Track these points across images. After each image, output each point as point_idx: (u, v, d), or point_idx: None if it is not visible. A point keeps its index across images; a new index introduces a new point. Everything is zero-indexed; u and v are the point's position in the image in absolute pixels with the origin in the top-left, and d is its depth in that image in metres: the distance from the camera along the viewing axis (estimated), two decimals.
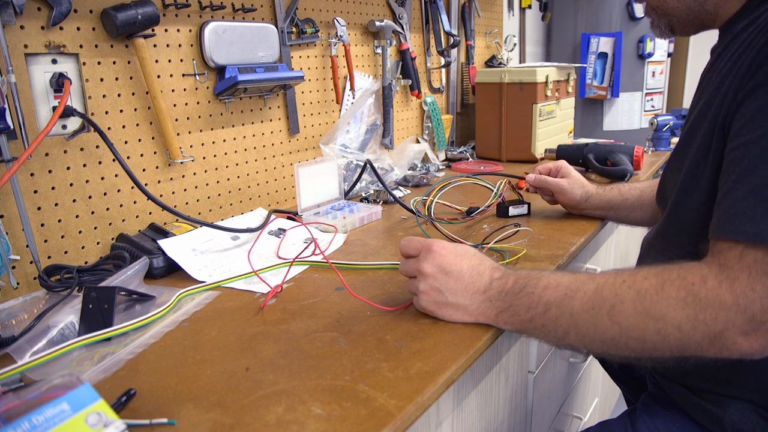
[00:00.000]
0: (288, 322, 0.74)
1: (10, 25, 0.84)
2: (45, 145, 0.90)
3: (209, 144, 1.18)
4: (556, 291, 0.63)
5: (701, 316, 0.55)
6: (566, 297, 0.62)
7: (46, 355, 0.65)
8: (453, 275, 0.68)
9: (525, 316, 0.65)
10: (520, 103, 1.75)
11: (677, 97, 3.84)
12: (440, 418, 0.70)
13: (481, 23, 2.18)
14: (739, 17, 0.72)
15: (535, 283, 0.65)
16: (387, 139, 1.61)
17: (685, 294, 0.56)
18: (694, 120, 0.72)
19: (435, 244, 0.71)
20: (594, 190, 1.12)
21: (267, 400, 0.56)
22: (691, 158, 0.70)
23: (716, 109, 0.66)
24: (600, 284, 0.61)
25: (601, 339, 0.60)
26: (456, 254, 0.70)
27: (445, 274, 0.68)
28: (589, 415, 1.48)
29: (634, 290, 0.59)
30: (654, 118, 1.98)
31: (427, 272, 0.69)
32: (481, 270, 0.69)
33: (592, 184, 1.14)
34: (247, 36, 1.17)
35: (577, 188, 1.11)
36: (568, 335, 0.62)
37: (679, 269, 0.58)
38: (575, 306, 0.61)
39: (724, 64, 0.69)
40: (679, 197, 0.74)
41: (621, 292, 0.59)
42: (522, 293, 0.65)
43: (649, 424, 0.80)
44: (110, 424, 0.45)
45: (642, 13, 2.44)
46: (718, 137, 0.65)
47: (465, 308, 0.68)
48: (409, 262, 0.73)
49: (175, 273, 0.93)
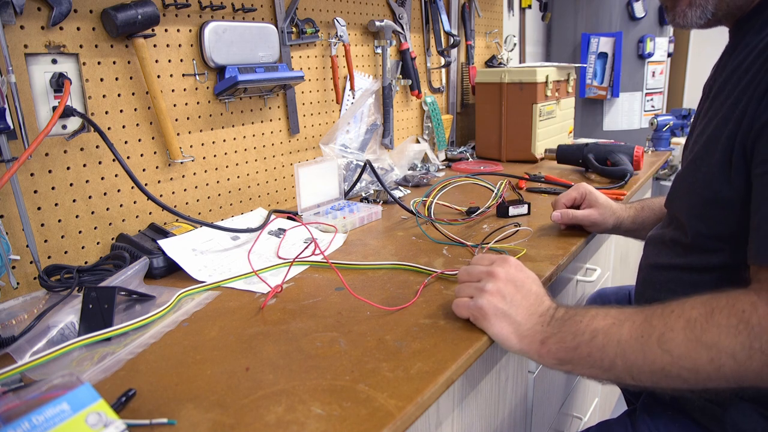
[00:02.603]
0: (288, 322, 0.74)
1: (10, 25, 0.84)
2: (45, 145, 0.90)
3: (209, 144, 1.18)
4: (605, 320, 0.62)
5: (756, 344, 0.54)
6: (614, 325, 0.61)
7: (46, 355, 0.65)
8: (522, 291, 0.68)
9: (571, 344, 0.62)
10: (520, 103, 1.75)
11: (677, 97, 3.84)
12: (440, 418, 0.70)
13: (481, 23, 2.18)
14: (750, 18, 0.72)
15: (584, 312, 0.64)
16: (387, 139, 1.61)
17: (737, 321, 0.55)
18: (712, 131, 0.71)
19: (512, 258, 0.72)
20: (624, 213, 1.05)
21: (267, 400, 0.56)
22: (709, 170, 0.70)
23: (734, 127, 0.66)
24: (648, 314, 0.60)
25: (650, 369, 0.58)
26: (527, 276, 0.70)
27: (516, 286, 0.68)
28: (589, 415, 1.48)
29: (683, 319, 0.57)
30: (654, 118, 1.98)
31: (500, 276, 0.68)
32: (544, 298, 0.69)
33: (618, 204, 1.06)
34: (247, 36, 1.17)
35: (608, 217, 1.03)
36: (614, 365, 0.60)
37: (728, 297, 0.57)
38: (623, 333, 0.60)
39: (737, 66, 0.69)
40: (696, 208, 0.73)
41: (671, 321, 0.58)
42: (570, 321, 0.64)
43: (649, 424, 0.80)
44: (110, 424, 0.45)
45: (642, 13, 2.44)
46: (738, 156, 0.65)
47: (518, 326, 0.66)
48: (477, 267, 0.72)
49: (175, 273, 0.93)
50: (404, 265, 0.91)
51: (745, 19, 0.74)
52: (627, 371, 0.60)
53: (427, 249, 1.00)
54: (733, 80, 0.70)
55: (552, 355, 0.63)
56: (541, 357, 0.64)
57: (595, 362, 0.61)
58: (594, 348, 0.61)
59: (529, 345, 0.65)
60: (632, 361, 0.59)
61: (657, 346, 0.57)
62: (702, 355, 0.55)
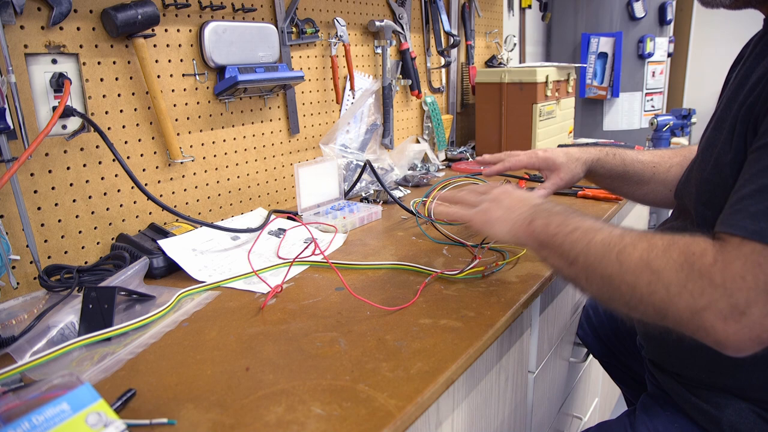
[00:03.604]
0: (288, 322, 0.74)
1: (10, 25, 0.84)
2: (45, 145, 0.90)
3: (209, 144, 1.18)
4: (589, 222, 0.68)
5: (690, 285, 0.56)
6: (593, 229, 0.66)
7: (46, 355, 0.65)
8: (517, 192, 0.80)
9: (553, 230, 0.69)
10: (520, 103, 1.75)
11: (677, 97, 3.84)
12: (440, 418, 0.70)
13: (481, 23, 2.18)
14: None
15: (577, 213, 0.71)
16: (387, 139, 1.61)
17: (683, 260, 0.57)
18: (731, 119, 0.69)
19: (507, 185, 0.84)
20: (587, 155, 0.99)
21: (267, 400, 0.56)
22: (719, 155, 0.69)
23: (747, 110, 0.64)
24: (625, 232, 0.64)
25: (600, 273, 0.63)
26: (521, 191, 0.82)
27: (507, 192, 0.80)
28: (589, 415, 1.48)
29: (646, 242, 0.61)
30: (654, 118, 1.98)
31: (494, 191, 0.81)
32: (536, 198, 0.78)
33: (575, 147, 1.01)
34: (247, 36, 1.17)
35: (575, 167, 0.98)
36: (576, 261, 0.66)
37: (689, 238, 0.60)
38: (596, 238, 0.65)
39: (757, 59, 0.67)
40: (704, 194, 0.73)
41: (636, 241, 0.62)
42: (562, 213, 0.71)
43: (648, 424, 0.81)
44: (110, 424, 0.45)
45: (642, 13, 2.44)
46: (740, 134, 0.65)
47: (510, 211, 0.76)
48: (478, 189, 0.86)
49: (175, 273, 0.93)
50: (404, 265, 0.91)
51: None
52: (584, 270, 0.65)
53: (427, 249, 1.00)
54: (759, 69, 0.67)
55: (534, 237, 0.72)
56: (526, 236, 0.73)
57: (564, 252, 0.67)
58: (567, 240, 0.67)
59: (518, 225, 0.74)
60: (590, 261, 0.64)
61: (615, 256, 0.62)
62: (644, 276, 0.59)
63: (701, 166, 0.74)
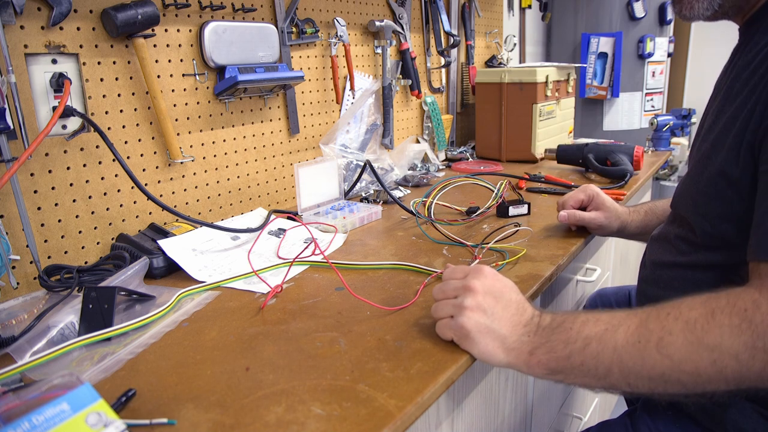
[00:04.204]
0: (288, 322, 0.74)
1: (10, 25, 0.84)
2: (45, 145, 0.90)
3: (209, 144, 1.18)
4: (596, 326, 0.59)
5: (759, 343, 0.52)
6: (607, 331, 0.59)
7: (46, 355, 0.65)
8: (502, 302, 0.64)
9: (562, 353, 0.59)
10: (520, 103, 1.75)
11: (677, 97, 3.84)
12: (440, 418, 0.70)
13: (481, 23, 2.18)
14: (759, 16, 0.72)
15: (573, 319, 0.61)
16: (387, 139, 1.61)
17: (739, 321, 0.53)
18: (720, 130, 0.71)
19: (486, 268, 0.67)
20: (629, 218, 1.04)
21: (267, 400, 0.56)
22: (716, 169, 0.70)
23: (741, 126, 0.66)
24: (643, 318, 0.58)
25: (648, 375, 0.56)
26: (504, 284, 0.66)
27: (495, 298, 0.64)
28: (589, 415, 1.48)
29: (682, 321, 0.56)
30: (654, 118, 1.98)
31: (477, 289, 0.64)
32: (525, 306, 0.65)
33: (623, 208, 1.06)
34: (247, 36, 1.17)
35: (614, 221, 1.03)
36: (610, 373, 0.58)
37: (728, 296, 0.56)
38: (619, 340, 0.57)
39: (745, 65, 0.69)
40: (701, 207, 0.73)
41: (668, 324, 0.56)
42: (560, 328, 0.61)
43: (649, 424, 0.80)
44: (110, 424, 0.45)
45: (642, 13, 2.44)
46: (746, 155, 0.65)
47: (503, 339, 0.62)
48: (451, 282, 0.67)
49: (175, 273, 0.93)
50: (404, 265, 0.91)
51: (754, 18, 0.73)
52: (624, 378, 0.58)
53: (427, 249, 1.00)
54: (741, 79, 0.70)
55: (542, 366, 0.60)
56: (530, 368, 0.61)
57: (590, 371, 0.58)
58: (588, 356, 0.58)
59: (517, 357, 0.61)
60: (630, 367, 0.57)
61: (656, 351, 0.56)
62: (704, 357, 0.54)
63: (695, 179, 0.75)
